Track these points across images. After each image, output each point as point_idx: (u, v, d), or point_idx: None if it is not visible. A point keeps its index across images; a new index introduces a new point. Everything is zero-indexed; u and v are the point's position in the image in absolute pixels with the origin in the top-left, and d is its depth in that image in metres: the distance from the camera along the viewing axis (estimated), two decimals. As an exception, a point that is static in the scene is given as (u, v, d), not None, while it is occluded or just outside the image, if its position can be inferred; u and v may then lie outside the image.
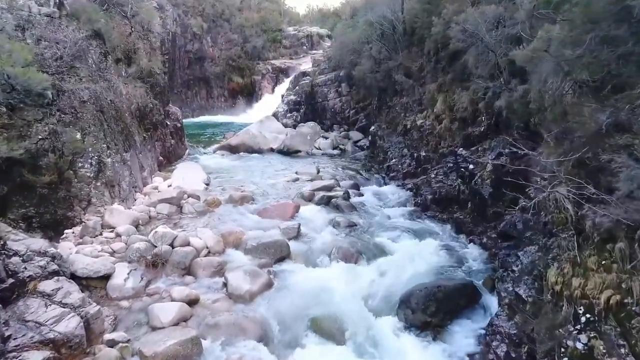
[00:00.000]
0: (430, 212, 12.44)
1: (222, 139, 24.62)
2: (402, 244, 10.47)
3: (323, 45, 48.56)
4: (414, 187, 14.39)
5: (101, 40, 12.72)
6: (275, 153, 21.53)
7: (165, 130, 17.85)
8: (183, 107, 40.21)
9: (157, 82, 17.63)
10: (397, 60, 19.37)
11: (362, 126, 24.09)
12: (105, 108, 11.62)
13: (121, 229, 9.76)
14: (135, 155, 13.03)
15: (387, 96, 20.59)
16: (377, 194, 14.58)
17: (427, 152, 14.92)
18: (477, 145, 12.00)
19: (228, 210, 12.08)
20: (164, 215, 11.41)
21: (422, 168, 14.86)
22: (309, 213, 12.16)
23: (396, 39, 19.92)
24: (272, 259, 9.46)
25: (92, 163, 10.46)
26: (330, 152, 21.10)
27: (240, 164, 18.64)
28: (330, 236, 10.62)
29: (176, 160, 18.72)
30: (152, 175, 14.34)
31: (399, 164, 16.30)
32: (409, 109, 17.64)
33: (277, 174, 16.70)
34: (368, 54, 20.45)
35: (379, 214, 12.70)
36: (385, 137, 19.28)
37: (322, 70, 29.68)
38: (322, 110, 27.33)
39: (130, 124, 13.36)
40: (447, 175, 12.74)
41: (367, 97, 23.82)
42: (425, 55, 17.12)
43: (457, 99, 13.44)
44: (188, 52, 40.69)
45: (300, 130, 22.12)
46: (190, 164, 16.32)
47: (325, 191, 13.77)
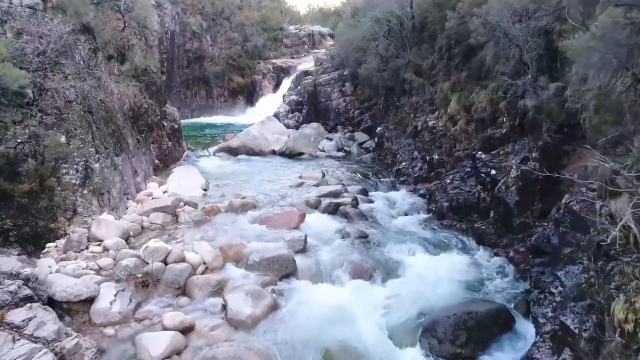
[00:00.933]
0: (447, 221, 11.48)
1: (221, 140, 23.64)
2: (420, 258, 9.51)
3: (325, 44, 47.79)
4: (427, 193, 13.43)
5: (90, 35, 11.77)
6: (277, 155, 20.57)
7: (162, 132, 16.89)
8: (182, 108, 39.36)
9: (153, 81, 16.66)
10: (405, 58, 18.40)
11: (368, 127, 23.12)
12: (94, 108, 10.67)
13: (109, 242, 8.79)
14: (128, 159, 12.07)
15: (394, 96, 19.62)
16: (387, 200, 13.62)
17: (441, 155, 13.96)
18: (499, 149, 11.05)
19: (228, 219, 11.12)
20: (158, 225, 10.45)
21: (436, 172, 13.90)
22: (316, 222, 11.19)
23: (404, 36, 18.94)
24: (277, 275, 8.50)
25: (78, 169, 9.50)
26: (334, 155, 20.14)
27: (240, 167, 17.68)
28: (340, 249, 9.65)
29: (173, 164, 17.76)
30: (147, 180, 13.38)
31: (410, 167, 15.34)
32: (419, 109, 16.68)
33: (280, 178, 15.74)
34: (374, 52, 19.48)
35: (391, 222, 11.74)
36: (393, 138, 18.33)
37: (325, 69, 28.69)
38: (325, 110, 26.35)
39: (123, 125, 12.40)
40: (464, 181, 11.78)
41: (373, 97, 22.85)
42: (436, 52, 16.18)
43: (475, 98, 12.48)
44: (187, 51, 39.73)
45: (303, 131, 21.16)
46: (188, 168, 15.36)
47: (333, 197, 12.80)
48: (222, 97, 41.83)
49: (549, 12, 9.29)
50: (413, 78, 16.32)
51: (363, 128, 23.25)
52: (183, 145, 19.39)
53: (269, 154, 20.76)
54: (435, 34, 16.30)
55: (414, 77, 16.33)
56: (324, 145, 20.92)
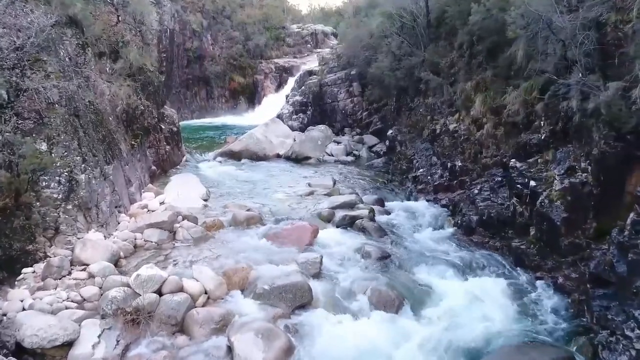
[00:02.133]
0: (477, 237, 10.26)
1: (223, 143, 22.43)
2: (452, 283, 8.30)
3: (328, 43, 46.77)
4: (451, 204, 12.21)
5: (78, 29, 10.55)
6: (282, 160, 19.36)
7: (159, 136, 15.68)
8: (181, 108, 38.13)
9: (149, 81, 15.45)
10: (419, 56, 17.21)
11: (377, 129, 21.91)
12: (81, 111, 9.46)
13: (95, 267, 7.57)
14: (121, 167, 10.86)
15: (407, 96, 18.42)
16: (406, 211, 12.39)
17: (464, 162, 12.74)
18: (536, 157, 9.81)
19: (231, 236, 9.91)
20: (153, 243, 9.23)
21: (459, 181, 12.67)
22: (330, 238, 9.99)
23: (418, 33, 17.74)
24: (290, 306, 7.29)
25: (61, 181, 8.28)
26: (343, 159, 18.92)
27: (244, 174, 16.47)
28: (360, 272, 8.45)
29: (172, 169, 16.57)
30: (142, 190, 12.17)
31: (428, 174, 14.11)
32: (436, 111, 15.46)
33: (287, 186, 14.53)
34: (386, 50, 18.26)
35: (414, 238, 10.52)
36: (407, 142, 17.11)
37: (330, 68, 27.46)
38: (331, 111, 25.13)
39: (115, 129, 11.20)
40: (495, 192, 10.56)
41: (383, 98, 21.63)
42: (456, 50, 14.95)
43: (505, 99, 11.27)
44: (187, 50, 38.51)
45: (310, 134, 19.94)
46: (187, 176, 14.13)
47: (347, 209, 11.59)
48: (223, 97, 40.66)
49: (601, 0, 8.08)
50: (430, 77, 15.09)
51: (372, 130, 22.03)
52: (182, 149, 18.18)
53: (273, 158, 19.56)
54: (455, 30, 15.08)
55: (432, 76, 15.10)
56: (332, 149, 19.70)
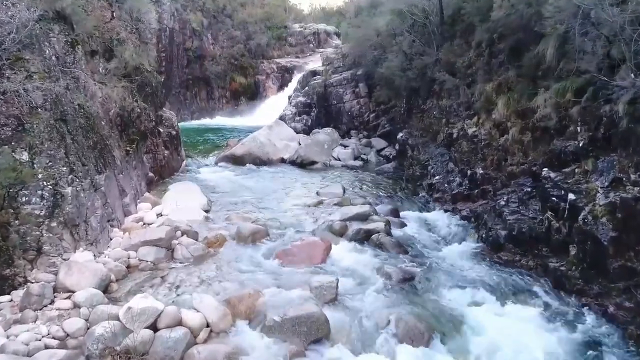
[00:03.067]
0: (506, 254, 9.30)
1: (225, 146, 21.48)
2: (486, 310, 7.34)
3: (330, 42, 45.95)
4: (472, 215, 11.26)
5: (67, 25, 9.61)
6: (286, 164, 18.41)
7: (157, 140, 14.72)
8: (181, 109, 37.22)
9: (147, 82, 14.51)
10: (432, 55, 16.28)
11: (386, 132, 20.96)
12: (69, 115, 8.52)
13: (81, 296, 6.63)
14: (114, 176, 9.92)
15: (419, 98, 17.47)
16: (423, 223, 11.47)
17: (486, 170, 11.78)
18: (573, 166, 8.85)
19: (235, 253, 8.96)
20: (149, 263, 8.29)
21: (481, 190, 11.71)
22: (345, 255, 9.04)
23: (430, 31, 16.82)
24: (305, 341, 6.34)
25: (44, 195, 7.34)
26: (351, 164, 17.97)
27: (247, 180, 15.51)
28: (381, 298, 7.49)
29: (171, 175, 15.62)
30: (138, 200, 11.22)
31: (445, 182, 13.16)
32: (452, 114, 14.51)
33: (294, 194, 13.58)
34: (397, 49, 17.31)
35: (436, 255, 9.57)
36: (419, 146, 16.16)
37: (335, 68, 26.53)
38: (337, 113, 24.19)
39: (108, 135, 10.25)
40: (524, 204, 9.61)
41: (392, 99, 20.68)
42: (474, 49, 14.02)
43: (533, 102, 10.33)
44: (187, 49, 37.59)
45: (316, 137, 18.98)
46: (186, 185, 13.15)
47: (361, 222, 10.65)
48: (224, 98, 39.75)
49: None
50: (446, 78, 14.15)
51: (381, 133, 21.09)
52: (182, 153, 17.23)
53: (277, 162, 18.61)
54: (472, 28, 14.16)
55: (448, 77, 14.16)
56: (339, 153, 18.75)
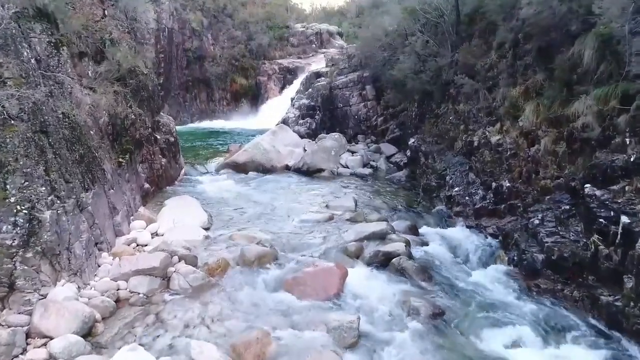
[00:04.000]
0: (544, 282, 8.23)
1: (226, 152, 20.45)
2: (533, 356, 6.30)
3: (333, 43, 45.07)
4: (500, 233, 10.21)
5: (50, 23, 8.58)
6: (291, 172, 17.37)
7: (154, 148, 13.67)
8: (181, 112, 36.27)
9: (143, 85, 13.48)
10: (447, 56, 15.26)
11: (395, 137, 19.91)
12: (51, 126, 7.48)
13: (59, 344, 5.58)
14: (103, 192, 8.87)
15: (432, 102, 16.44)
16: (444, 241, 10.41)
17: (513, 183, 10.73)
18: (622, 183, 7.81)
19: (240, 282, 7.91)
20: (141, 296, 7.24)
21: (508, 205, 10.65)
22: (363, 284, 7.99)
23: (445, 30, 15.80)
24: (324, 400, 5.32)
25: (18, 222, 6.29)
26: (360, 172, 16.91)
27: (250, 191, 14.47)
28: (410, 340, 6.44)
29: (169, 185, 14.59)
30: (131, 216, 10.17)
31: (466, 195, 12.11)
32: (471, 120, 13.46)
33: (301, 207, 12.54)
34: (409, 50, 16.26)
35: (464, 282, 8.52)
36: (434, 154, 15.12)
37: (341, 70, 25.47)
38: (343, 117, 23.14)
39: (97, 146, 9.21)
40: (563, 224, 8.56)
41: (402, 102, 19.64)
42: (495, 50, 12.99)
43: (569, 109, 9.30)
44: (186, 50, 36.63)
45: (323, 144, 17.91)
46: (184, 199, 12.06)
47: (378, 241, 9.61)
48: (224, 100, 38.80)
49: None
50: (465, 81, 13.10)
51: (390, 138, 20.02)
52: (180, 161, 16.19)
53: (281, 170, 17.58)
54: (493, 27, 13.16)
55: (467, 80, 13.11)
56: (347, 160, 17.71)
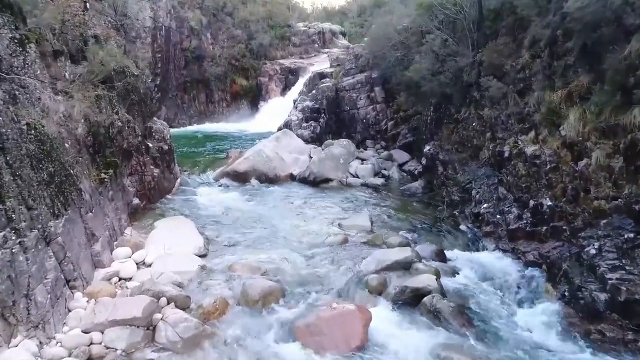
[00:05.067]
0: (610, 329, 6.81)
1: (225, 158, 19.02)
2: None
3: (336, 42, 43.74)
4: (543, 261, 8.80)
5: (15, 16, 7.17)
6: (296, 182, 15.95)
7: (145, 158, 12.27)
8: (179, 114, 34.81)
9: (133, 88, 12.11)
10: (468, 56, 13.84)
11: (407, 143, 18.48)
12: (10, 141, 6.09)
13: None
14: (79, 217, 7.46)
15: (451, 105, 15.01)
16: (478, 269, 8.98)
17: (556, 202, 9.30)
18: None
19: (241, 329, 6.49)
20: (119, 353, 5.83)
21: (551, 228, 9.20)
22: (391, 334, 6.57)
23: (465, 27, 14.37)
24: None
25: (-44, 268, 4.90)
26: (372, 182, 15.47)
27: (252, 205, 13.04)
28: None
29: (162, 198, 13.19)
30: (115, 241, 8.75)
31: (497, 212, 10.69)
32: (499, 127, 12.04)
33: (309, 225, 11.13)
34: (427, 49, 14.82)
35: (510, 325, 7.09)
36: (455, 164, 13.70)
37: (347, 71, 24.05)
38: (350, 120, 21.71)
39: (73, 161, 7.80)
40: (629, 257, 7.17)
41: (415, 105, 18.22)
42: (526, 48, 11.59)
43: (626, 117, 7.91)
44: (184, 50, 35.08)
45: (330, 151, 16.47)
46: (177, 221, 10.59)
47: (402, 271, 8.20)
48: (224, 101, 37.31)
49: None
50: (493, 83, 11.69)
51: (402, 144, 18.58)
52: (175, 170, 14.78)
53: (286, 179, 16.17)
54: (524, 23, 11.77)
55: (495, 82, 11.70)
56: (357, 169, 16.28)
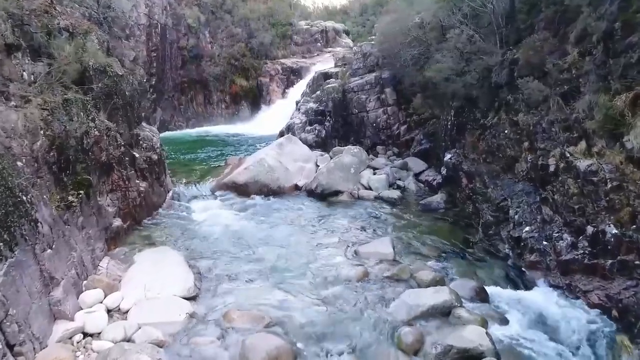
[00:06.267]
0: None
1: (223, 166, 17.37)
2: None
3: (340, 41, 42.30)
4: (613, 306, 7.15)
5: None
6: (302, 194, 14.28)
7: (128, 172, 10.59)
8: (175, 116, 33.22)
9: (116, 89, 10.47)
10: (497, 54, 12.18)
11: (423, 150, 16.81)
12: None
13: None
14: (33, 257, 5.79)
15: (476, 109, 13.34)
16: (530, 313, 7.31)
17: (624, 229, 7.64)
18: None
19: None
20: None
21: (619, 262, 7.54)
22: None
23: (493, 20, 12.71)
24: None
25: None
26: (387, 195, 13.78)
27: (252, 225, 11.36)
28: None
29: (150, 216, 11.56)
30: (84, 280, 7.08)
31: (543, 238, 9.00)
32: (539, 135, 10.37)
33: (321, 252, 9.45)
34: (451, 46, 13.12)
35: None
36: (484, 176, 12.03)
37: (354, 70, 22.38)
38: (358, 124, 20.04)
39: (27, 184, 6.14)
40: None
41: (432, 108, 16.55)
42: (573, 44, 9.95)
43: None
44: (181, 48, 33.43)
45: (340, 161, 14.75)
46: (162, 253, 8.72)
47: (440, 319, 6.55)
48: (223, 102, 35.67)
49: None
50: (534, 85, 10.01)
51: (417, 151, 16.90)
52: (166, 182, 13.10)
53: (290, 191, 14.51)
54: (569, 15, 10.14)
55: (536, 83, 10.03)
56: (370, 180, 14.59)
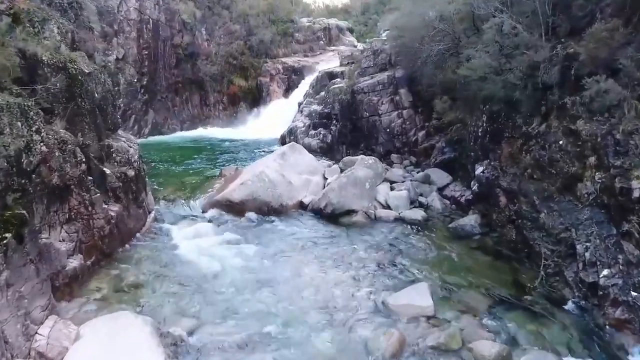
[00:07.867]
0: None
1: (217, 177, 15.20)
2: None
3: (343, 40, 40.49)
4: None
5: None
6: (308, 214, 12.08)
7: (92, 195, 8.36)
8: (169, 118, 31.05)
9: (81, 91, 8.29)
10: (544, 47, 10.01)
11: (446, 160, 14.61)
12: None
13: None
14: None
15: (516, 114, 11.14)
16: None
17: None
18: None
19: None
20: None
21: None
22: None
23: (539, 7, 10.50)
24: None
25: None
26: (409, 217, 11.58)
27: (249, 258, 9.13)
28: None
29: (125, 244, 9.44)
30: (4, 367, 4.92)
31: (630, 287, 6.82)
32: (610, 150, 8.19)
33: (337, 302, 7.28)
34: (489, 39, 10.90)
35: None
36: (533, 197, 9.83)
37: (364, 70, 20.19)
38: (369, 129, 17.85)
39: None
40: None
41: (457, 112, 14.35)
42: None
43: None
44: (176, 46, 31.28)
45: (353, 175, 12.48)
46: (121, 320, 6.39)
47: None
48: (220, 104, 33.63)
49: None
50: (609, 85, 7.83)
51: (438, 162, 14.70)
52: (147, 202, 10.90)
53: (294, 209, 12.33)
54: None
55: (611, 83, 7.85)
56: (388, 197, 12.38)
